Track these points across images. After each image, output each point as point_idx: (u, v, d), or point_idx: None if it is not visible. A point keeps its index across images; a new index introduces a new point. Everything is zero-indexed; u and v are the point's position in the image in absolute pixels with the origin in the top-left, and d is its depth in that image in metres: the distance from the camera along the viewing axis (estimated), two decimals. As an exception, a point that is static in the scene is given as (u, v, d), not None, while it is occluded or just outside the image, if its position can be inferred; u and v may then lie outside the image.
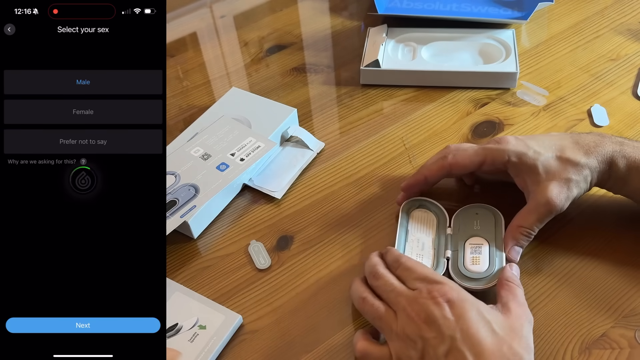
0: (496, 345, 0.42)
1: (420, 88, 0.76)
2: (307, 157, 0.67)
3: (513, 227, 0.53)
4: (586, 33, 0.83)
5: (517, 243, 0.53)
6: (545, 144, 0.54)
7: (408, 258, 0.51)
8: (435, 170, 0.57)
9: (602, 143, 0.53)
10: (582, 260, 0.54)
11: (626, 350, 0.47)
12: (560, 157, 0.53)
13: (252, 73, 0.82)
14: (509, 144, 0.54)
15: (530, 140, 0.54)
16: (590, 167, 0.52)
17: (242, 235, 0.60)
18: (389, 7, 0.87)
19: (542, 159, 0.52)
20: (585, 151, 0.53)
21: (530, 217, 0.53)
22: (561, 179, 0.52)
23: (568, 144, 0.54)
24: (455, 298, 0.45)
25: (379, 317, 0.47)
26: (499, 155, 0.54)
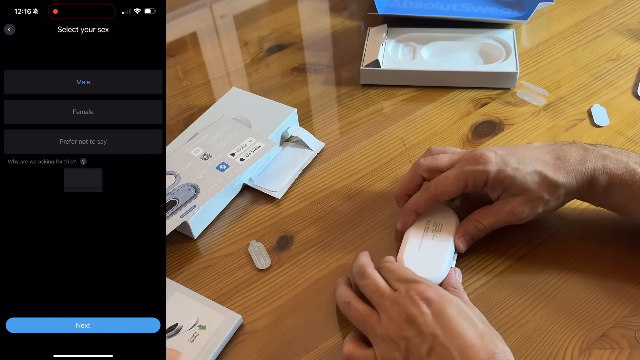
0: (478, 338, 0.42)
1: (420, 88, 0.76)
2: (307, 157, 0.67)
3: (470, 219, 0.54)
4: (586, 33, 0.83)
5: (469, 234, 0.54)
6: (526, 158, 0.52)
7: (393, 261, 0.51)
8: (423, 203, 0.55)
9: (584, 159, 0.52)
10: (582, 261, 0.54)
11: (626, 350, 0.47)
12: (540, 173, 0.51)
13: (252, 73, 0.82)
14: (488, 164, 0.52)
15: (510, 155, 0.53)
16: (567, 187, 0.51)
17: (242, 235, 0.60)
18: (389, 7, 0.87)
19: (519, 176, 0.51)
20: (566, 169, 0.51)
21: (489, 217, 0.53)
22: (533, 197, 0.51)
23: (550, 159, 0.52)
24: (432, 296, 0.45)
25: (363, 320, 0.47)
26: (479, 177, 0.52)
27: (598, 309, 0.50)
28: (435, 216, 0.56)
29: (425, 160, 0.56)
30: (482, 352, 0.41)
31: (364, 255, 0.53)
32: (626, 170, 0.51)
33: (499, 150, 0.53)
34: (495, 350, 0.42)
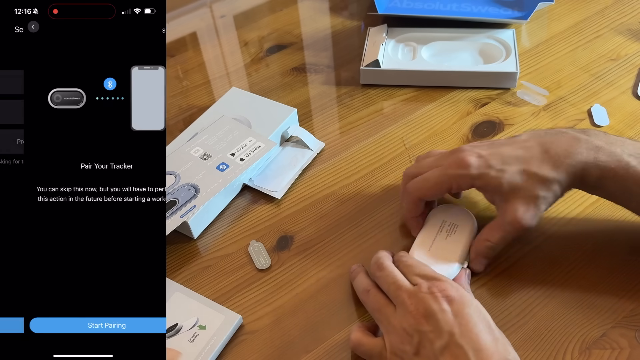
0: (493, 342, 0.43)
1: (420, 88, 0.76)
2: (307, 157, 0.67)
3: (480, 240, 0.53)
4: (586, 33, 0.83)
5: (481, 255, 0.53)
6: (511, 158, 0.50)
7: (410, 257, 0.51)
8: (413, 207, 0.55)
9: (574, 151, 0.50)
10: (583, 261, 0.54)
11: (626, 350, 0.47)
12: (526, 171, 0.50)
13: (252, 73, 0.82)
14: (470, 168, 0.50)
15: (493, 156, 0.51)
16: (560, 181, 0.50)
17: (242, 235, 0.60)
18: (389, 7, 0.87)
19: (506, 177, 0.50)
20: (554, 163, 0.49)
21: (497, 233, 0.52)
22: (528, 197, 0.50)
23: (536, 154, 0.50)
24: (454, 295, 0.45)
25: (379, 308, 0.48)
26: (463, 181, 0.51)
27: (598, 309, 0.50)
28: (452, 217, 0.56)
29: (409, 169, 0.56)
30: (496, 356, 0.42)
31: (383, 250, 0.53)
32: (619, 163, 0.49)
33: (483, 150, 0.52)
34: (508, 356, 0.42)
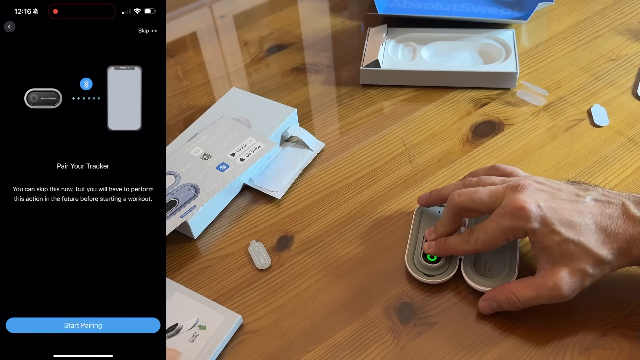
0: None
1: (420, 88, 0.76)
2: (307, 157, 0.67)
3: (505, 289, 0.49)
4: (586, 33, 0.83)
5: (496, 302, 0.50)
6: (569, 223, 0.47)
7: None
8: (460, 252, 0.52)
9: (633, 244, 0.46)
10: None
11: (626, 350, 0.47)
12: (583, 246, 0.46)
13: (252, 73, 0.82)
14: (529, 222, 0.47)
15: (553, 213, 0.47)
16: (612, 264, 0.47)
17: (242, 235, 0.60)
18: (389, 7, 0.87)
19: (559, 240, 0.46)
20: (612, 247, 0.46)
21: (528, 292, 0.48)
22: (577, 269, 0.46)
23: (595, 229, 0.47)
24: None
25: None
26: (519, 233, 0.48)
27: (598, 309, 0.50)
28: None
29: (461, 197, 0.51)
30: None
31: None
32: None
33: (542, 201, 0.48)
34: None
